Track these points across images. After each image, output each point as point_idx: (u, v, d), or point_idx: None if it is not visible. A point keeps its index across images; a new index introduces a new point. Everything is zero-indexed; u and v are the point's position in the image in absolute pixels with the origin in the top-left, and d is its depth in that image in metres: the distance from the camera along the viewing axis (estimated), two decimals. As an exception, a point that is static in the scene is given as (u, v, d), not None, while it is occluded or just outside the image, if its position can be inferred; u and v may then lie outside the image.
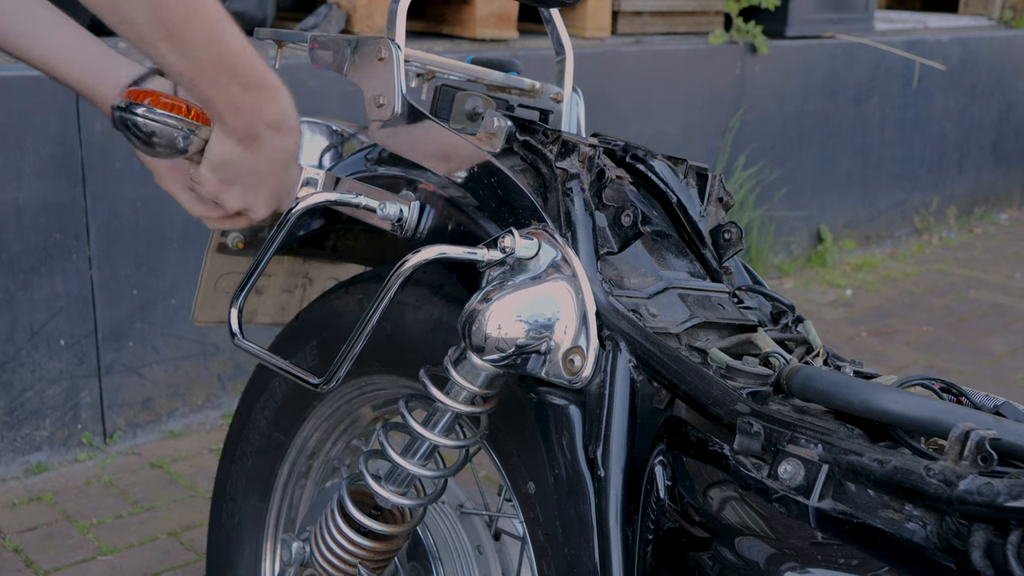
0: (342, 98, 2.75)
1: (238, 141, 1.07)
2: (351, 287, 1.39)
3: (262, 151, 1.08)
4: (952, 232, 5.18)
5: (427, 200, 1.18)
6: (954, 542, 0.73)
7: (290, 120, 1.08)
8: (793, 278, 4.29)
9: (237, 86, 1.01)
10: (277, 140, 1.07)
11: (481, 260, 1.03)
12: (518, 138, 1.16)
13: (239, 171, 1.10)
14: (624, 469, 0.99)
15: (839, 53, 4.32)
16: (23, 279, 2.38)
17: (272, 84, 1.05)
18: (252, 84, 1.02)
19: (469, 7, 3.11)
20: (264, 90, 1.04)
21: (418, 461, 1.15)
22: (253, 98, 1.03)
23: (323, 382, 1.12)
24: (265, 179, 1.11)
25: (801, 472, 0.82)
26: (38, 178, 2.35)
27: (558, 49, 1.36)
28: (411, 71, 1.31)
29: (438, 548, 1.33)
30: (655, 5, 3.73)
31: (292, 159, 1.12)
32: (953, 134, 5.08)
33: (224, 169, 1.09)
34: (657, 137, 3.67)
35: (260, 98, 1.03)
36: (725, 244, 1.15)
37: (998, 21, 5.45)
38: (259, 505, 1.53)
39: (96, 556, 2.19)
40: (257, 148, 1.07)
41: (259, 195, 1.13)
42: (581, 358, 1.01)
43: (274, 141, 1.07)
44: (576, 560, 1.02)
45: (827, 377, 0.87)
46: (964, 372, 3.45)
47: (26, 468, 2.47)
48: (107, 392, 2.56)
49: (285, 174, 1.13)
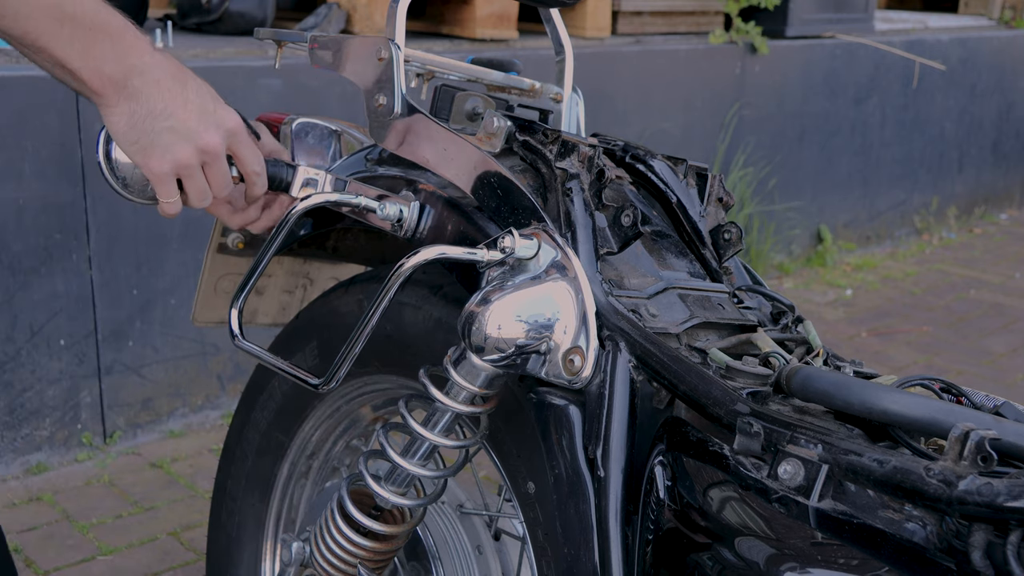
0: (342, 98, 2.75)
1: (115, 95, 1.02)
2: (351, 287, 1.39)
3: (144, 92, 1.02)
4: (952, 232, 5.18)
5: (427, 200, 1.18)
6: (954, 542, 0.73)
7: (143, 57, 1.02)
8: (793, 278, 4.29)
9: (85, 32, 0.98)
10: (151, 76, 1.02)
11: (481, 260, 1.04)
12: (518, 138, 1.16)
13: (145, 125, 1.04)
14: (624, 469, 0.99)
15: (839, 53, 4.32)
16: (23, 279, 2.38)
17: (109, 24, 1.00)
18: (98, 28, 0.99)
19: (469, 7, 3.11)
20: (101, 31, 0.99)
21: (418, 461, 1.15)
22: (100, 45, 0.99)
23: (323, 382, 1.12)
24: (173, 113, 1.05)
25: (801, 472, 0.82)
26: (38, 178, 2.35)
27: (558, 49, 1.36)
28: (411, 71, 1.31)
29: (438, 548, 1.33)
30: (655, 5, 3.73)
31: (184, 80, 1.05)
32: (953, 134, 5.08)
33: (129, 135, 1.04)
34: (657, 137, 3.67)
35: (108, 45, 1.00)
36: (725, 244, 1.15)
37: (998, 21, 5.45)
38: (259, 505, 1.53)
39: (96, 556, 2.19)
40: (135, 94, 1.02)
41: (187, 130, 1.05)
42: (581, 358, 1.01)
43: (148, 77, 1.02)
44: (576, 560, 1.02)
45: (827, 377, 0.87)
46: (964, 372, 3.45)
47: (26, 468, 2.47)
48: (107, 392, 2.56)
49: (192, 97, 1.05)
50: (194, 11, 2.90)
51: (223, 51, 2.67)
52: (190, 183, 1.10)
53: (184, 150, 1.06)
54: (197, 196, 1.11)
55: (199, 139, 1.07)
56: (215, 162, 1.09)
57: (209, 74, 2.57)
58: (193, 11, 2.90)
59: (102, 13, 1.00)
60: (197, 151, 1.07)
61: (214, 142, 1.08)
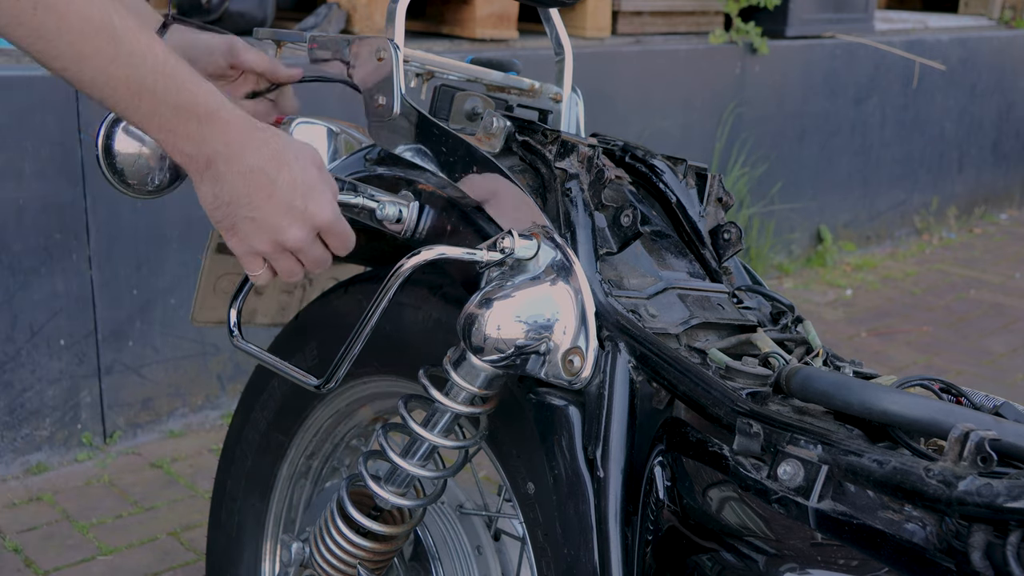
0: (342, 98, 2.74)
1: (197, 175, 0.99)
2: (351, 287, 1.39)
3: (228, 179, 0.99)
4: (952, 232, 5.18)
5: (426, 200, 1.18)
6: (954, 543, 0.73)
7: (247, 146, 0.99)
8: (793, 278, 4.29)
9: (168, 109, 0.94)
10: (237, 164, 0.98)
11: (480, 261, 1.03)
12: (517, 138, 1.16)
13: (227, 210, 1.01)
14: (623, 470, 0.99)
15: (839, 53, 4.31)
16: (23, 279, 2.38)
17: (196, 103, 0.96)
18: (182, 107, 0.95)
19: (469, 7, 3.11)
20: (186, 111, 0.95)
21: (417, 462, 1.15)
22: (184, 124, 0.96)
23: (323, 383, 1.12)
24: (257, 207, 1.00)
25: (800, 473, 0.82)
26: (38, 178, 2.35)
27: (557, 49, 1.36)
28: (410, 71, 1.31)
29: (438, 548, 1.33)
30: (655, 5, 3.73)
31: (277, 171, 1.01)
32: (953, 134, 5.08)
33: (213, 214, 1.01)
34: (656, 137, 3.66)
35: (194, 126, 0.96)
36: (724, 244, 1.15)
37: (998, 21, 5.45)
38: (259, 505, 1.53)
39: (96, 556, 2.19)
40: (218, 178, 0.99)
41: (269, 225, 1.01)
42: (580, 359, 1.01)
43: (233, 166, 0.98)
44: (575, 560, 1.02)
45: (827, 377, 0.87)
46: (964, 372, 3.45)
47: (26, 468, 2.47)
48: (107, 392, 2.56)
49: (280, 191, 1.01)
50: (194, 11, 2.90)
51: (223, 51, 2.66)
52: (276, 264, 1.06)
53: (263, 242, 1.03)
54: (285, 274, 1.07)
55: (281, 235, 1.02)
56: (300, 253, 1.05)
57: (209, 74, 2.57)
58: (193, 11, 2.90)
59: (189, 90, 0.95)
60: (276, 244, 1.03)
61: (296, 239, 1.03)
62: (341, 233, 1.07)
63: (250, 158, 0.99)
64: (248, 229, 1.02)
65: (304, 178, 1.02)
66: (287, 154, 1.01)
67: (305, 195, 1.02)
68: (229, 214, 1.01)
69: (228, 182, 0.99)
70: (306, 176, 1.03)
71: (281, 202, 1.01)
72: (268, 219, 1.01)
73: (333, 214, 1.05)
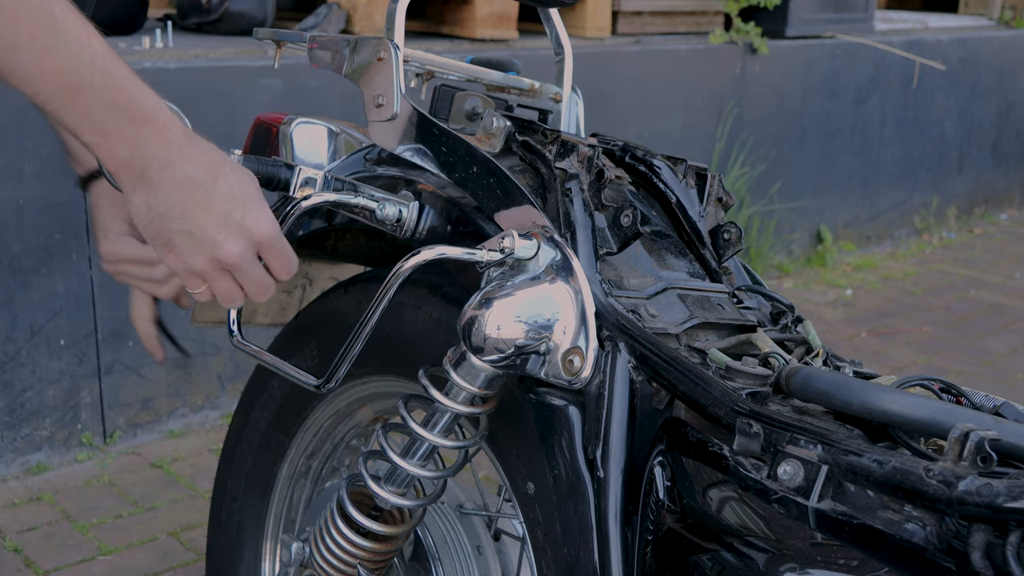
0: (341, 98, 2.75)
1: (131, 183, 0.93)
2: (351, 287, 1.39)
3: (162, 187, 0.93)
4: (952, 232, 5.18)
5: (426, 200, 1.18)
6: (954, 543, 0.73)
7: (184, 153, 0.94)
8: (793, 278, 4.29)
9: (103, 109, 0.88)
10: (173, 172, 0.93)
11: (480, 261, 1.03)
12: (517, 138, 1.16)
13: (161, 223, 0.94)
14: (623, 470, 0.99)
15: (839, 53, 4.31)
16: (23, 279, 2.38)
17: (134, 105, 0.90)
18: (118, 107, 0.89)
19: (469, 7, 3.11)
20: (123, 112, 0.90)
21: (417, 462, 1.15)
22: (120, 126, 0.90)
23: (323, 383, 1.11)
24: (193, 217, 0.94)
25: (800, 473, 0.82)
26: (38, 178, 2.35)
27: (557, 49, 1.36)
28: (410, 71, 1.31)
29: (438, 548, 1.32)
30: (655, 5, 3.73)
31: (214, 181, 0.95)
32: (953, 134, 5.08)
33: (147, 228, 0.95)
34: (656, 137, 3.66)
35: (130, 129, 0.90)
36: (724, 244, 1.15)
37: (998, 21, 5.45)
38: (259, 505, 1.53)
39: (96, 556, 2.19)
40: (152, 185, 0.93)
41: (205, 239, 0.96)
42: (580, 359, 1.01)
43: (169, 173, 0.92)
44: (575, 561, 1.02)
45: (827, 377, 0.87)
46: (964, 372, 3.45)
47: (26, 468, 2.47)
48: (107, 392, 2.56)
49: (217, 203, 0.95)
50: (194, 11, 2.90)
51: (223, 51, 2.67)
52: (214, 286, 1.01)
53: (198, 259, 0.97)
54: (224, 298, 1.02)
55: (217, 250, 0.96)
56: (239, 271, 1.00)
57: (209, 74, 2.57)
58: (193, 11, 2.90)
59: (127, 89, 0.90)
60: (213, 261, 0.98)
61: (232, 254, 0.97)
62: (281, 252, 1.01)
63: (187, 166, 0.94)
64: (184, 244, 0.96)
65: (242, 191, 0.98)
66: (224, 166, 0.97)
67: (244, 207, 0.97)
68: (164, 228, 0.95)
69: (163, 190, 0.93)
70: (244, 189, 0.98)
71: (218, 214, 0.96)
72: (204, 232, 0.95)
73: (273, 230, 1.00)
